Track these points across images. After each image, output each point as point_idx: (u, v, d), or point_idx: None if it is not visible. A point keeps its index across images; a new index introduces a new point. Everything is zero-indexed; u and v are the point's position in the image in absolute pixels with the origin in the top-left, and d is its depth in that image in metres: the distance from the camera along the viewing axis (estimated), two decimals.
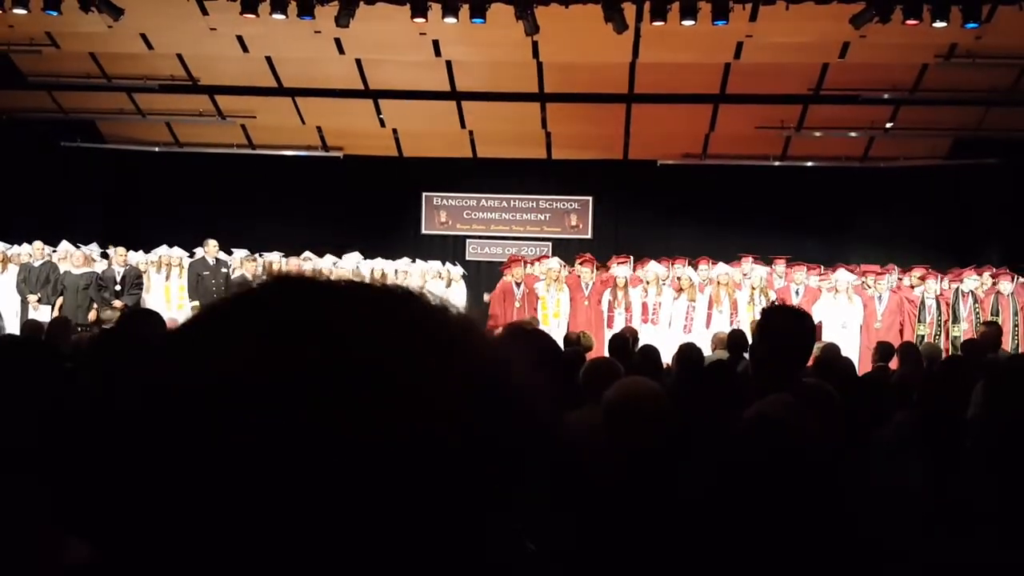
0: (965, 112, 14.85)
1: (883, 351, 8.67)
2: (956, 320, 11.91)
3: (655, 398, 2.50)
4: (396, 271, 13.68)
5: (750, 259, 13.18)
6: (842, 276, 12.11)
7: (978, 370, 5.96)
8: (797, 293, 12.27)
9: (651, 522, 2.35)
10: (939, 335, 11.81)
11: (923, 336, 11.79)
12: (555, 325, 11.97)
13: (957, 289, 12.15)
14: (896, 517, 2.66)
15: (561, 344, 8.89)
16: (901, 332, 11.86)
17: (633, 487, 2.39)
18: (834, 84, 14.21)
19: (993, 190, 15.20)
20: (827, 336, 11.17)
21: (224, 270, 12.48)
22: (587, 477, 2.37)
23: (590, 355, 8.35)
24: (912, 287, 12.45)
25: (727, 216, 15.77)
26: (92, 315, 11.94)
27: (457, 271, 14.94)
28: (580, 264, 12.98)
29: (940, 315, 11.99)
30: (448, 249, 16.73)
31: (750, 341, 7.53)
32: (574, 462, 2.45)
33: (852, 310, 11.91)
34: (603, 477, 2.42)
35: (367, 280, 0.67)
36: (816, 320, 11.61)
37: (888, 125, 15.19)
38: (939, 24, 10.39)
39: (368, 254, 14.24)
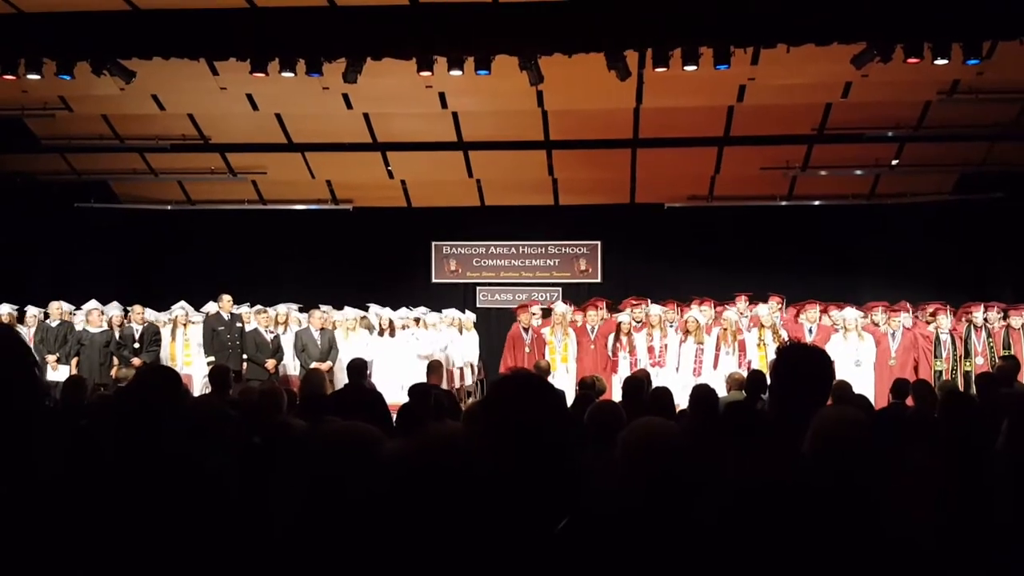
0: (969, 148, 14.91)
1: (899, 388, 8.62)
2: (968, 355, 11.87)
3: (672, 437, 2.53)
4: (409, 319, 13.75)
5: (744, 298, 13.18)
6: (849, 314, 12.08)
7: (992, 404, 5.96)
8: (811, 332, 12.24)
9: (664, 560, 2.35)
10: (956, 370, 11.76)
11: (940, 372, 11.74)
12: (563, 370, 11.97)
13: (969, 324, 12.12)
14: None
15: (574, 388, 8.94)
16: (916, 369, 11.80)
17: (647, 524, 2.40)
18: (838, 123, 14.30)
19: (999, 224, 15.23)
20: (840, 375, 11.12)
21: (239, 325, 12.54)
22: (596, 517, 2.39)
23: (602, 399, 8.38)
24: (926, 323, 12.42)
25: (736, 257, 15.82)
26: (113, 373, 12.04)
27: (469, 318, 14.99)
28: (585, 309, 13.01)
29: (956, 350, 11.95)
30: (459, 297, 16.79)
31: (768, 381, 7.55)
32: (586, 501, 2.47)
33: (864, 348, 11.86)
34: (613, 517, 2.43)
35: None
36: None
37: (893, 162, 15.26)
38: (940, 61, 10.43)
39: (381, 304, 14.29)
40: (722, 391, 8.80)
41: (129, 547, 2.74)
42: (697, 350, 12.02)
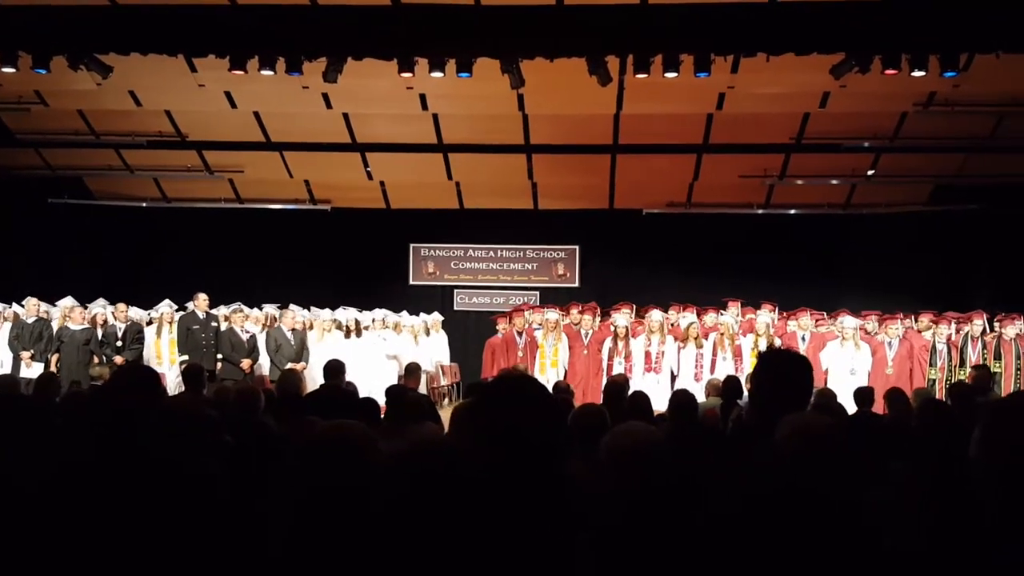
0: (945, 159, 15.08)
1: (862, 395, 8.62)
2: (963, 364, 11.91)
3: (656, 442, 2.52)
4: (379, 319, 13.72)
5: (738, 304, 13.26)
6: (847, 322, 12.08)
7: (968, 411, 6.02)
8: (804, 339, 12.26)
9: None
10: (949, 380, 11.79)
11: (934, 380, 11.77)
12: (553, 374, 11.99)
13: (966, 333, 12.17)
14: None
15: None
16: (911, 377, 11.81)
17: (634, 531, 2.39)
18: (815, 133, 14.42)
19: (973, 235, 15.39)
20: (835, 383, 11.13)
21: (214, 324, 12.43)
22: (586, 523, 2.37)
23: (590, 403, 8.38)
24: (920, 332, 12.45)
25: (712, 263, 15.89)
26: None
27: (437, 319, 14.98)
28: (580, 313, 13.00)
29: (951, 360, 11.98)
30: (436, 299, 16.77)
31: (746, 387, 7.58)
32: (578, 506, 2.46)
33: (860, 356, 11.86)
34: (600, 523, 2.42)
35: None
36: (824, 367, 11.63)
37: (869, 173, 15.40)
38: (918, 73, 10.53)
39: (358, 305, 14.22)
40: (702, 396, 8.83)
41: (104, 546, 2.70)
42: (697, 355, 12.04)
